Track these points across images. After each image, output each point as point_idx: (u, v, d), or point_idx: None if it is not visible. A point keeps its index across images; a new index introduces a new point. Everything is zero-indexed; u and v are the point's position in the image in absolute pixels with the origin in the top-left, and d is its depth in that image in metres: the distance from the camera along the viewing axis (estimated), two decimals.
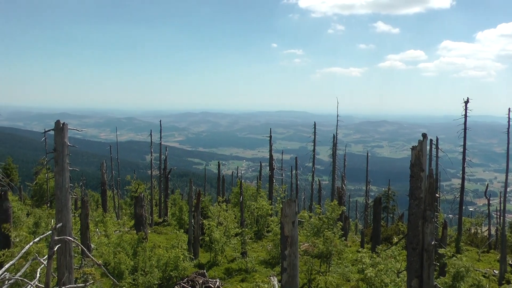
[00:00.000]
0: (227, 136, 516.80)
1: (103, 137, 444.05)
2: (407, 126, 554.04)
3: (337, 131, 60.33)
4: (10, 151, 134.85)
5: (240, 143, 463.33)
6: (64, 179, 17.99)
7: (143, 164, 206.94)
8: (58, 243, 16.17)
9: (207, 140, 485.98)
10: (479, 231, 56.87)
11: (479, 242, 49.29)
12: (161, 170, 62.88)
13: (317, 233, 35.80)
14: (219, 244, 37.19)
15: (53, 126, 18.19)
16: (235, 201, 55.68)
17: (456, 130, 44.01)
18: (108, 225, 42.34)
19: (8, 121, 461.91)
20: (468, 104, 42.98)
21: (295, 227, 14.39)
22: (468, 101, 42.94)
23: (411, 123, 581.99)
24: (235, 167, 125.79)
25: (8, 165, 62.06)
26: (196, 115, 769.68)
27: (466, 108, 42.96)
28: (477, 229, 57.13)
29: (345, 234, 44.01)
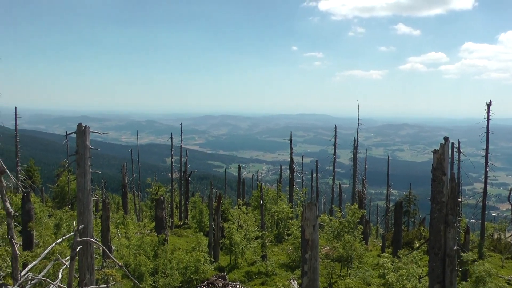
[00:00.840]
0: (247, 139, 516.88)
1: (123, 140, 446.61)
2: (428, 129, 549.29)
3: (357, 134, 60.00)
4: (32, 154, 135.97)
5: (260, 146, 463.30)
6: (85, 181, 18.12)
7: (163, 167, 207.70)
8: (80, 245, 16.29)
9: (227, 143, 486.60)
10: (502, 237, 56.12)
11: (502, 248, 48.56)
12: (181, 173, 62.98)
13: (338, 237, 35.60)
14: (239, 247, 37.18)
15: (74, 129, 18.33)
16: (255, 204, 55.64)
17: (478, 133, 43.50)
18: (129, 227, 42.60)
19: (30, 124, 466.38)
20: (490, 106, 42.39)
21: (315, 231, 14.34)
22: (490, 103, 42.36)
23: (433, 126, 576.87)
24: (255, 170, 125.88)
25: (30, 167, 62.69)
26: (216, 118, 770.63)
27: (488, 111, 42.40)
28: (500, 235, 56.34)
29: (365, 238, 43.74)
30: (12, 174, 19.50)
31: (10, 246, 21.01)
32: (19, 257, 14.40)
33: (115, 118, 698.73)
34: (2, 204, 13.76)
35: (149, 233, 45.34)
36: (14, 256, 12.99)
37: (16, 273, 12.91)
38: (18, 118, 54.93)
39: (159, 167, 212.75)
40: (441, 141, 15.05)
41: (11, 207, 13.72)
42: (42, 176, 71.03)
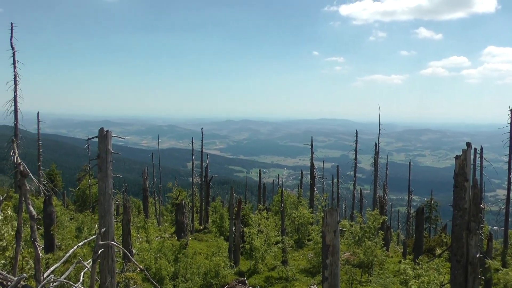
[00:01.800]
0: (268, 144, 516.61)
1: (145, 145, 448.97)
2: (450, 135, 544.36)
3: (379, 140, 59.69)
4: (54, 158, 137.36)
5: (281, 151, 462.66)
6: (107, 185, 18.20)
7: (184, 172, 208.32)
8: (102, 248, 16.39)
9: (248, 148, 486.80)
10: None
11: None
12: (202, 178, 63.13)
13: (358, 243, 35.45)
14: (260, 252, 37.17)
15: (95, 134, 18.44)
16: (276, 209, 55.58)
17: (501, 138, 43.04)
18: (149, 231, 42.76)
19: (52, 129, 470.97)
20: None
21: (336, 236, 14.28)
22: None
23: (454, 132, 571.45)
24: (276, 175, 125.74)
25: (52, 171, 63.28)
26: (237, 123, 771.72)
27: (511, 116, 41.97)
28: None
29: (386, 244, 43.46)
30: (35, 178, 19.69)
31: (32, 248, 21.27)
32: (41, 259, 14.54)
33: (136, 123, 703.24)
34: (25, 207, 13.88)
35: (169, 237, 45.48)
36: (37, 258, 13.11)
37: (39, 275, 13.03)
38: (41, 122, 55.49)
39: (180, 171, 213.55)
40: (463, 147, 14.92)
41: (34, 210, 13.86)
42: (64, 180, 71.65)
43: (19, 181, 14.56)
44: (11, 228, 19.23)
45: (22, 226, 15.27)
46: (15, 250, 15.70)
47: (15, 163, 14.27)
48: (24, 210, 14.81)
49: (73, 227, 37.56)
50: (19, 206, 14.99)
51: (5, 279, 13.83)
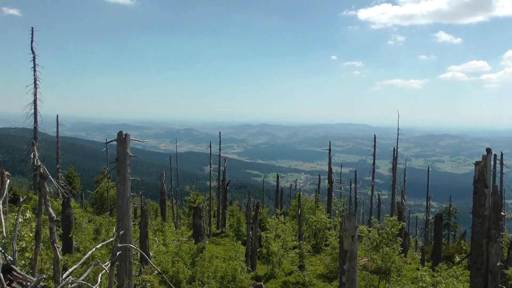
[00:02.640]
0: (286, 149, 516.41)
1: (162, 148, 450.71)
2: (469, 140, 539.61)
3: (397, 145, 59.43)
4: (72, 160, 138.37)
5: (298, 155, 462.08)
6: (125, 188, 18.29)
7: (201, 175, 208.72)
8: (120, 250, 16.46)
9: (265, 152, 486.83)
10: None
11: None
12: (219, 182, 63.16)
13: (376, 248, 35.25)
14: (277, 257, 37.12)
15: (114, 137, 18.55)
16: (293, 213, 55.48)
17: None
18: (166, 234, 42.87)
19: (70, 131, 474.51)
20: None
21: (354, 242, 14.22)
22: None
23: (474, 137, 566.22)
24: (294, 179, 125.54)
25: (70, 173, 63.71)
26: (255, 127, 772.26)
27: None
28: None
29: (404, 251, 43.17)
30: (54, 180, 19.84)
31: (51, 249, 21.42)
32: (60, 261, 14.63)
33: (154, 126, 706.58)
34: (45, 208, 13.98)
35: (187, 241, 45.52)
36: (56, 259, 13.19)
37: (58, 276, 13.10)
38: (60, 125, 55.91)
39: (197, 175, 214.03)
40: (483, 153, 14.80)
41: (53, 212, 13.96)
42: (82, 182, 72.06)
43: (39, 183, 14.69)
44: (30, 229, 19.37)
45: (42, 227, 15.38)
46: (34, 251, 15.82)
47: (35, 165, 14.39)
48: (43, 212, 14.91)
49: (91, 229, 37.74)
50: (38, 207, 15.10)
51: (24, 280, 13.94)
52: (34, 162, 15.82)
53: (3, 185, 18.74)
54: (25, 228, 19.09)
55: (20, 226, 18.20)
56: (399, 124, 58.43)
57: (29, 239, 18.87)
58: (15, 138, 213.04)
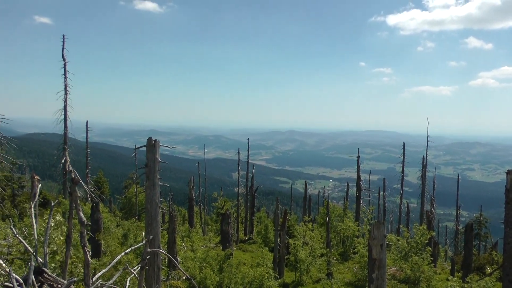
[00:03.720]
0: (314, 155, 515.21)
1: (191, 154, 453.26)
2: (501, 148, 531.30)
3: (427, 152, 58.85)
4: (101, 165, 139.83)
5: (326, 162, 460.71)
6: (154, 194, 18.45)
7: (229, 182, 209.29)
8: (149, 255, 16.60)
9: (293, 159, 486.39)
10: None
11: None
12: (247, 188, 63.20)
13: (405, 258, 34.93)
14: (305, 264, 37.00)
15: (142, 143, 18.74)
16: (321, 221, 55.28)
17: None
18: (194, 240, 43.00)
19: (100, 137, 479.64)
20: None
21: (383, 250, 14.11)
22: None
23: (506, 145, 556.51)
24: (322, 186, 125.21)
25: (99, 179, 64.37)
26: (283, 133, 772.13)
27: None
28: None
29: (434, 261, 42.67)
30: (85, 185, 20.11)
31: (80, 253, 21.66)
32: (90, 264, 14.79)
33: (183, 133, 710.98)
34: (75, 212, 14.17)
35: (214, 247, 45.66)
36: (86, 263, 13.33)
37: (88, 280, 13.25)
38: (89, 131, 56.55)
39: (225, 181, 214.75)
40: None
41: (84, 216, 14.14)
42: (111, 187, 72.73)
43: (70, 187, 14.88)
44: (61, 233, 19.61)
45: (72, 231, 15.57)
46: (65, 254, 16.01)
47: (67, 170, 14.64)
48: (74, 216, 15.11)
49: (119, 234, 38.08)
50: (69, 212, 15.30)
51: (55, 282, 14.12)
52: (66, 167, 16.07)
53: (34, 189, 19.02)
54: (56, 232, 19.34)
55: (51, 229, 18.43)
56: (428, 131, 57.90)
57: (60, 242, 19.10)
58: (45, 143, 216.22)
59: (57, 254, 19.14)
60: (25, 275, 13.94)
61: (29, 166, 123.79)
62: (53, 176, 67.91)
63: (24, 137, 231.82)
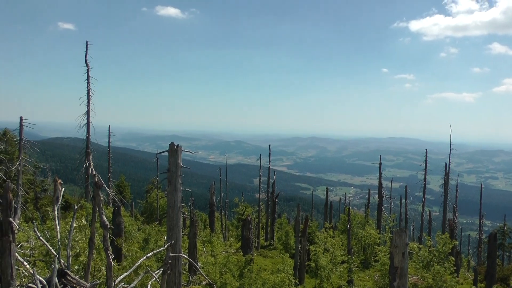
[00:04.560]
0: (335, 162, 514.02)
1: (212, 159, 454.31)
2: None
3: (449, 160, 58.38)
4: (123, 170, 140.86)
5: (348, 169, 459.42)
6: (176, 199, 18.50)
7: (250, 187, 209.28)
8: (171, 259, 16.68)
9: (315, 165, 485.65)
10: None
11: None
12: (268, 194, 63.14)
13: (427, 267, 34.65)
14: (325, 271, 36.86)
15: (164, 148, 18.84)
16: (342, 228, 55.08)
17: None
18: (215, 245, 43.05)
19: (122, 142, 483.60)
20: None
21: (405, 258, 14.03)
22: None
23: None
24: (343, 193, 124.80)
25: (121, 183, 64.80)
26: (305, 140, 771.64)
27: None
28: None
29: (456, 270, 42.34)
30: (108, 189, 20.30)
31: (101, 256, 21.83)
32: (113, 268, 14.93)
33: (204, 138, 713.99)
34: (99, 216, 14.32)
35: (235, 253, 45.70)
36: (109, 266, 13.46)
37: (110, 282, 13.37)
38: (111, 136, 57.01)
39: (246, 187, 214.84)
40: None
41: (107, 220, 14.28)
42: (132, 192, 73.15)
43: (94, 191, 15.03)
44: (84, 236, 19.80)
45: (95, 234, 15.73)
46: (87, 257, 16.17)
47: (91, 174, 14.82)
48: (96, 219, 15.25)
49: (140, 238, 38.25)
50: (92, 215, 15.46)
51: (78, 284, 14.28)
52: (89, 171, 16.24)
53: (56, 193, 19.25)
54: (79, 235, 19.54)
55: (74, 232, 18.62)
56: (451, 138, 57.46)
57: (83, 245, 19.29)
58: (67, 148, 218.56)
59: (79, 256, 19.33)
60: (49, 276, 14.11)
61: (52, 170, 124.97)
62: (75, 180, 68.49)
63: (47, 141, 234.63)
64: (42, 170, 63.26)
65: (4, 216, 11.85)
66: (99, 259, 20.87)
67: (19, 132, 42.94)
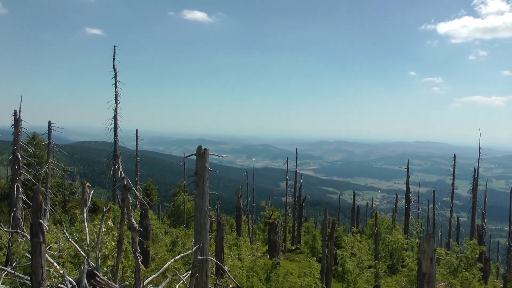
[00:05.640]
0: (362, 166, 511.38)
1: (239, 163, 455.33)
2: None
3: (478, 165, 57.71)
4: (150, 173, 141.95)
5: (375, 173, 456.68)
6: (203, 202, 18.62)
7: (277, 191, 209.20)
8: (199, 262, 16.81)
9: (342, 169, 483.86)
10: None
11: None
12: (295, 198, 63.09)
13: (454, 273, 34.33)
14: (352, 275, 36.72)
15: (191, 151, 19.00)
16: (369, 232, 54.79)
17: None
18: (242, 249, 43.12)
19: (149, 145, 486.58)
20: None
21: (433, 264, 13.95)
22: None
23: None
24: (370, 197, 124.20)
25: (148, 186, 65.25)
26: (332, 144, 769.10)
27: None
28: None
29: (485, 277, 41.83)
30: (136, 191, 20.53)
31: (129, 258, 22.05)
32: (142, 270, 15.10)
33: (231, 142, 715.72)
34: (127, 218, 14.51)
35: (261, 256, 45.75)
36: (138, 268, 13.62)
37: (139, 284, 13.53)
38: (139, 139, 57.45)
39: (273, 191, 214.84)
40: None
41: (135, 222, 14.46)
42: (159, 195, 73.61)
43: (123, 194, 15.22)
44: (112, 238, 20.04)
45: (123, 236, 15.92)
46: (116, 259, 16.37)
47: (120, 177, 15.03)
48: (125, 222, 15.45)
49: (167, 241, 38.51)
50: (121, 217, 15.64)
51: (107, 285, 14.47)
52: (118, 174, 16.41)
53: (84, 196, 19.51)
54: (108, 237, 19.77)
55: (103, 234, 18.86)
56: (480, 143, 56.80)
57: (111, 247, 19.51)
58: (95, 151, 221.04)
59: (108, 258, 19.55)
60: (78, 277, 14.34)
61: (80, 173, 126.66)
62: (103, 183, 69.15)
63: (75, 145, 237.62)
64: (70, 173, 64.04)
65: (35, 218, 12.07)
66: (127, 261, 21.10)
67: (48, 136, 43.64)
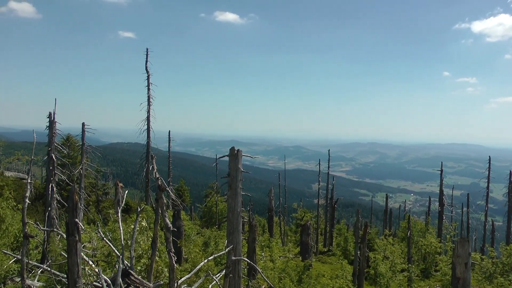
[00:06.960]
0: (395, 168, 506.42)
1: (270, 165, 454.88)
2: None
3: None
4: (182, 174, 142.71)
5: (408, 175, 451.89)
6: (236, 203, 18.68)
7: (309, 193, 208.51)
8: (233, 263, 16.90)
9: (374, 171, 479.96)
10: None
11: None
12: (327, 199, 62.91)
13: (489, 279, 33.83)
14: (384, 279, 36.49)
15: (223, 153, 19.07)
16: (402, 235, 54.36)
17: None
18: (274, 250, 43.17)
19: (181, 147, 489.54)
20: None
21: (468, 269, 13.81)
22: None
23: None
24: (402, 200, 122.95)
25: (180, 187, 65.65)
26: (364, 145, 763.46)
27: None
28: None
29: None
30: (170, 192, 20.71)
31: (162, 258, 22.25)
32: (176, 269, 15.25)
33: (263, 143, 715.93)
34: (161, 218, 14.70)
35: (293, 258, 45.71)
36: (172, 267, 13.77)
37: (173, 284, 13.68)
38: (171, 141, 58.01)
39: (305, 192, 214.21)
40: None
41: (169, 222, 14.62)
42: (191, 196, 73.98)
43: (157, 194, 15.39)
44: (146, 238, 20.24)
45: (158, 236, 16.10)
46: (150, 258, 16.56)
47: (154, 178, 15.20)
48: (159, 222, 15.64)
49: (200, 242, 38.72)
50: (155, 217, 15.82)
51: (141, 284, 14.69)
52: (152, 175, 16.59)
53: (118, 196, 19.75)
54: (141, 236, 19.97)
55: (137, 234, 19.08)
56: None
57: (145, 247, 19.71)
58: (128, 153, 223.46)
59: (142, 258, 19.76)
60: (113, 276, 14.56)
61: (113, 174, 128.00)
62: (136, 183, 69.94)
63: (108, 146, 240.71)
64: (103, 174, 64.81)
65: (71, 217, 12.30)
66: (160, 260, 21.28)
67: (81, 138, 44.30)
